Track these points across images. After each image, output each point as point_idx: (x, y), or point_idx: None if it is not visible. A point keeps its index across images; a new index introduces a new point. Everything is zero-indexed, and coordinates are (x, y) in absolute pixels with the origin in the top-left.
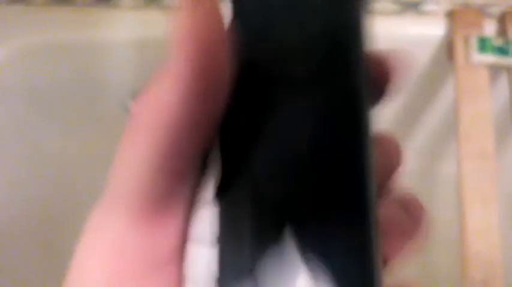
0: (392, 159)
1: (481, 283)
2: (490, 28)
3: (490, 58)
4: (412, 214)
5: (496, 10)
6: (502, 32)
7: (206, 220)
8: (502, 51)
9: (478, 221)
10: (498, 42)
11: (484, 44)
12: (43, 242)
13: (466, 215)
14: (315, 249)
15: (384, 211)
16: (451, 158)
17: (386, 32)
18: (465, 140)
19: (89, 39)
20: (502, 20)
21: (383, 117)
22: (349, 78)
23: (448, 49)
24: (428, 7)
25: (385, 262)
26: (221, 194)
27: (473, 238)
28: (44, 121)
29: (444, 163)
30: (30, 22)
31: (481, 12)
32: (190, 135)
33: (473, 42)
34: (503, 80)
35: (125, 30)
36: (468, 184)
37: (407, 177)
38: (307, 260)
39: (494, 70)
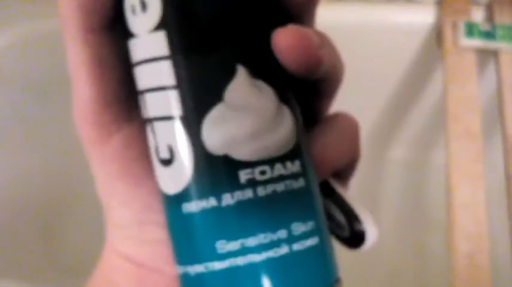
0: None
1: (468, 256)
2: (478, 15)
3: (477, 42)
4: None
5: None
6: (489, 18)
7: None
8: (488, 35)
9: (465, 197)
10: (485, 27)
11: (471, 29)
12: (41, 226)
13: (453, 192)
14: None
15: None
16: (441, 146)
17: (377, 19)
18: (453, 121)
19: None
20: (489, 6)
21: (374, 105)
22: None
23: (437, 36)
24: None
25: None
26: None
27: (459, 212)
28: (43, 109)
29: (435, 151)
30: (32, 10)
31: None
32: None
33: (461, 27)
34: (490, 64)
35: None
36: (455, 162)
37: (400, 164)
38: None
39: (482, 54)
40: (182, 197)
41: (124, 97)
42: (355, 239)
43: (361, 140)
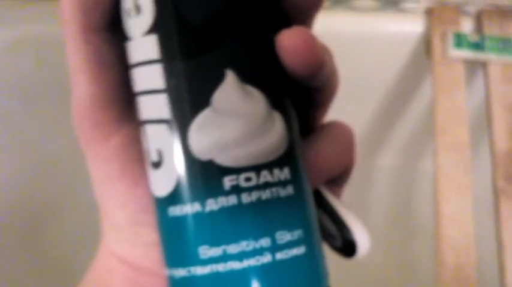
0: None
1: (455, 268)
2: (466, 26)
3: (466, 53)
4: None
5: (473, 9)
6: (478, 29)
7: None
8: (477, 46)
9: (452, 209)
10: (474, 38)
11: (460, 40)
12: (24, 232)
13: (440, 203)
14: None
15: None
16: (430, 155)
17: (366, 28)
18: (441, 132)
19: None
20: (478, 18)
21: (363, 113)
22: None
23: (426, 45)
24: (408, 4)
25: None
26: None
27: (447, 224)
28: (30, 115)
29: (423, 160)
30: (19, 15)
31: (459, 10)
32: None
33: (450, 38)
34: (479, 75)
35: None
36: (443, 173)
37: (388, 174)
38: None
39: (470, 65)
40: (169, 200)
41: (124, 97)
42: (347, 248)
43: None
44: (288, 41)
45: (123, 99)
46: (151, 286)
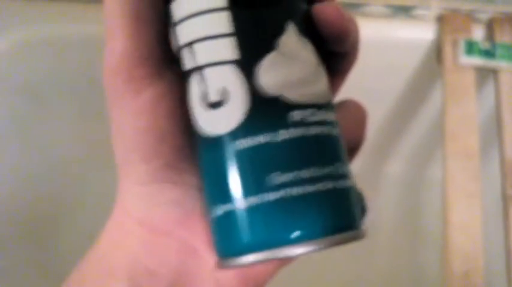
0: (359, 123)
1: (463, 274)
2: (478, 33)
3: (477, 60)
4: None
5: (484, 16)
6: (489, 37)
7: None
8: (488, 54)
9: (461, 216)
10: (485, 45)
11: (471, 47)
12: (33, 233)
13: (449, 210)
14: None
15: None
16: (439, 162)
17: (377, 34)
18: (451, 139)
19: (88, 34)
20: (489, 25)
21: (372, 119)
22: None
23: (437, 52)
24: (419, 11)
25: None
26: None
27: (455, 231)
28: (41, 115)
29: (432, 167)
30: (30, 16)
31: (470, 17)
32: None
33: (461, 45)
34: (489, 82)
35: None
36: (452, 180)
37: (396, 180)
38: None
39: (481, 73)
40: (235, 134)
41: (158, 54)
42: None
43: (361, 146)
44: (324, 10)
45: (157, 56)
46: (167, 248)
